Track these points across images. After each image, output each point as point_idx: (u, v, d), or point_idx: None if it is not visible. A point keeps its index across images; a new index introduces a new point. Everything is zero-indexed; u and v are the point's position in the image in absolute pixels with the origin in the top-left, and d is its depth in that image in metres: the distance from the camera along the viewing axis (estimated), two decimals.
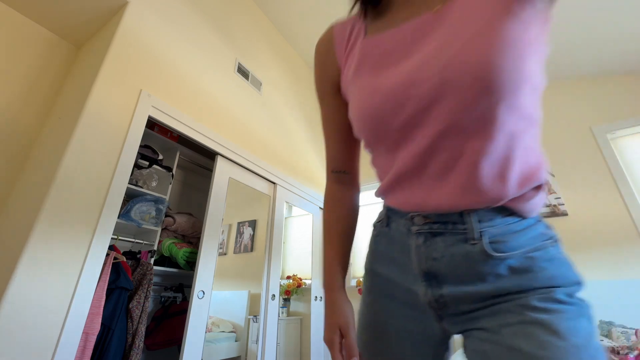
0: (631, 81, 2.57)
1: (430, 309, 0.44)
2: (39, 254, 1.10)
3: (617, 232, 2.25)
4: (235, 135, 2.17)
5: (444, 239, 0.42)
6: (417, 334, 0.47)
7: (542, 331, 0.33)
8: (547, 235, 0.41)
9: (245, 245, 2.50)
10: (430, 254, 0.43)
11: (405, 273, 0.47)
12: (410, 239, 0.45)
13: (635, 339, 1.74)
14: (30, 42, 1.72)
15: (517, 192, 0.39)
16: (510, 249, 0.39)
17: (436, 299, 0.43)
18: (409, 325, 0.47)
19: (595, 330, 0.36)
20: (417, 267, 0.44)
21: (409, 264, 0.45)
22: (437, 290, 0.43)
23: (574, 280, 0.38)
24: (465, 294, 0.41)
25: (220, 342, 2.08)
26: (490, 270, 0.39)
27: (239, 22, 2.51)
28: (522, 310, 0.36)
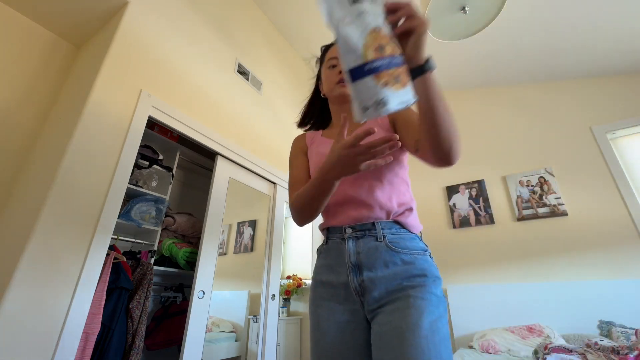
0: (631, 81, 2.57)
1: (357, 297, 0.68)
2: (39, 254, 1.10)
3: (617, 232, 2.25)
4: (235, 135, 2.17)
5: (364, 240, 0.71)
6: (351, 323, 0.68)
7: (414, 312, 0.59)
8: (425, 249, 0.72)
9: (245, 245, 2.50)
10: (356, 249, 0.71)
11: (339, 273, 0.72)
12: (343, 244, 0.73)
13: (635, 339, 1.74)
14: (30, 42, 1.72)
15: (398, 209, 0.73)
16: (402, 247, 0.69)
17: (359, 283, 0.68)
18: (345, 316, 0.69)
19: (445, 314, 0.62)
20: (348, 261, 0.71)
21: (342, 262, 0.71)
22: (359, 277, 0.68)
23: (437, 275, 0.68)
24: (376, 277, 0.67)
25: (220, 342, 2.08)
26: (390, 259, 0.68)
27: (239, 22, 2.51)
28: (407, 300, 0.62)
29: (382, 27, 0.47)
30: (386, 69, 0.45)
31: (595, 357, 1.53)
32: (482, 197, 2.84)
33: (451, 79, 3.22)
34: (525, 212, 2.61)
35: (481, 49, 2.71)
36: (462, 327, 2.48)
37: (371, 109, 0.45)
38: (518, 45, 2.60)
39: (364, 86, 0.44)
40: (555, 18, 2.30)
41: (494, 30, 2.36)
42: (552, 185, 2.57)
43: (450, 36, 1.67)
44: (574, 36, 2.42)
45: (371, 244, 0.70)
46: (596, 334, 2.02)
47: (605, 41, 2.39)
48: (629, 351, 1.46)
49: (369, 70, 0.44)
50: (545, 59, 2.69)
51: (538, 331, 2.07)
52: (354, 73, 0.45)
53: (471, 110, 3.20)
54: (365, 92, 0.44)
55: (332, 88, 0.87)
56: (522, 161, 2.79)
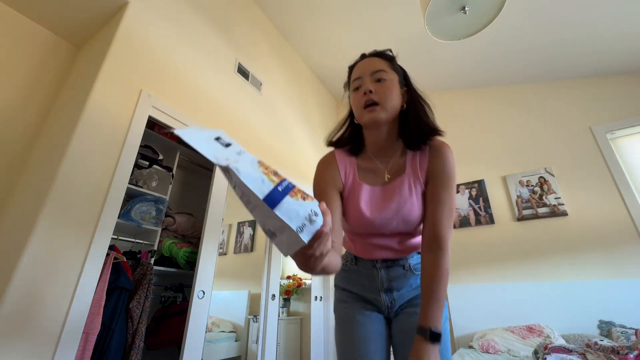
0: (631, 81, 2.57)
1: (386, 308, 0.89)
2: (39, 254, 1.10)
3: (617, 232, 2.25)
4: (235, 135, 2.17)
5: (393, 270, 0.88)
6: (379, 325, 0.88)
7: None
8: None
9: (245, 245, 2.50)
10: (388, 277, 0.88)
11: (370, 291, 0.90)
12: (375, 271, 0.89)
13: (635, 339, 1.74)
14: (30, 42, 1.72)
15: (416, 250, 0.90)
16: (418, 270, 0.88)
17: (390, 301, 0.88)
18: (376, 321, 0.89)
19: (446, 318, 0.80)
20: (380, 285, 0.88)
21: (375, 286, 0.89)
22: (391, 296, 0.88)
23: None
24: (402, 294, 0.88)
25: (220, 342, 2.08)
26: (413, 281, 0.87)
27: (239, 22, 2.51)
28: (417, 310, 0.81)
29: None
30: (293, 187, 0.44)
31: (595, 357, 1.53)
32: (482, 197, 2.84)
33: (451, 79, 3.22)
34: (525, 212, 2.61)
35: (481, 49, 2.71)
36: (462, 327, 2.48)
37: (307, 226, 0.42)
38: (518, 45, 2.60)
39: (287, 208, 0.41)
40: (555, 18, 2.30)
41: (494, 30, 2.36)
42: (552, 185, 2.57)
43: (450, 36, 1.67)
44: (574, 36, 2.42)
45: (400, 272, 0.88)
46: (596, 334, 2.02)
47: (605, 41, 2.39)
48: (629, 351, 1.46)
49: (284, 191, 0.42)
50: (545, 59, 2.69)
51: (538, 331, 2.07)
52: (270, 199, 0.41)
53: (471, 110, 3.20)
54: (291, 212, 0.41)
55: (360, 114, 0.82)
56: (522, 161, 2.79)
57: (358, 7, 2.58)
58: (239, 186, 0.42)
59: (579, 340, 1.92)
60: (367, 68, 0.83)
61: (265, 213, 0.41)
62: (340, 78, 3.66)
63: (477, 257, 2.69)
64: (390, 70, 0.83)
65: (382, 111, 0.79)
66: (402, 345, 0.85)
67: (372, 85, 0.80)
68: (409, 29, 2.66)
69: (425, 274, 0.78)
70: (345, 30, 2.84)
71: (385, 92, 0.80)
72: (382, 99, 0.79)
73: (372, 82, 0.81)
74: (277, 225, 0.41)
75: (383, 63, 0.84)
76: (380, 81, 0.81)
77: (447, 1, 1.51)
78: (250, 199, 0.42)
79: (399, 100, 0.83)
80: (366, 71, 0.83)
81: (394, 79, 0.83)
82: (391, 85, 0.81)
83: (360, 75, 0.84)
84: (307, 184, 2.94)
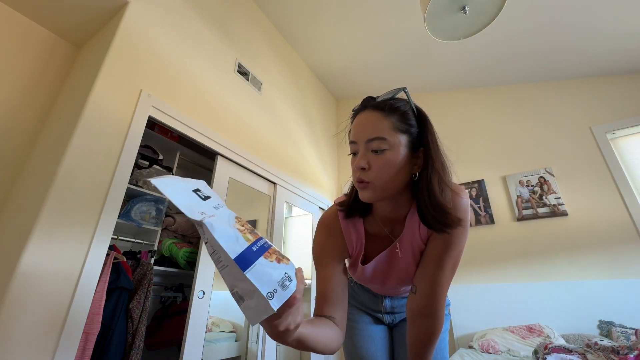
0: (631, 81, 2.57)
1: (387, 324, 0.98)
2: (40, 254, 1.10)
3: (617, 232, 2.25)
4: (235, 135, 2.17)
5: (397, 299, 0.96)
6: (382, 332, 0.97)
7: None
8: None
9: None
10: (392, 305, 0.95)
11: (373, 310, 0.97)
12: (379, 298, 0.96)
13: (635, 339, 1.74)
14: (30, 42, 1.72)
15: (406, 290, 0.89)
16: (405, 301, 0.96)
17: (392, 319, 0.97)
18: (377, 329, 0.96)
19: (447, 327, 0.90)
20: (384, 309, 0.95)
21: (378, 308, 0.96)
22: (393, 316, 0.97)
23: (447, 302, 0.94)
24: (402, 315, 0.97)
25: (220, 342, 2.08)
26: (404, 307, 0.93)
27: (239, 22, 2.51)
28: None
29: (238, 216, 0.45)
30: (269, 247, 0.42)
31: (595, 357, 1.53)
32: (482, 197, 2.84)
33: (451, 78, 3.21)
34: (525, 212, 2.61)
35: (481, 49, 2.71)
36: (462, 327, 2.48)
37: (279, 291, 0.38)
38: (518, 45, 2.60)
39: (259, 270, 0.38)
40: (555, 18, 2.30)
41: (494, 30, 2.36)
42: (552, 185, 2.57)
43: (450, 36, 1.67)
44: (574, 36, 2.42)
45: (403, 301, 0.95)
46: (596, 334, 2.02)
47: (605, 41, 2.39)
48: (629, 351, 1.46)
49: (258, 251, 0.40)
50: (545, 59, 2.69)
51: (538, 331, 2.07)
52: (242, 260, 0.38)
53: (471, 110, 3.20)
54: (264, 275, 0.38)
55: (356, 186, 0.67)
56: (522, 161, 2.79)
57: (358, 7, 2.58)
58: (211, 242, 0.39)
59: (579, 340, 1.92)
60: (363, 132, 0.64)
61: (235, 275, 0.37)
62: (340, 78, 3.66)
63: (477, 257, 2.69)
64: (395, 134, 0.63)
65: (374, 191, 0.63)
66: (402, 348, 0.90)
67: (367, 158, 0.63)
68: (409, 28, 2.66)
69: (415, 339, 0.72)
70: (345, 29, 2.84)
71: (381, 168, 0.62)
72: (377, 178, 0.62)
73: (368, 152, 0.63)
74: (247, 290, 0.37)
75: (386, 122, 0.63)
76: (378, 152, 0.62)
77: (447, 1, 1.51)
78: (221, 257, 0.38)
79: (405, 173, 0.64)
80: (362, 137, 0.64)
81: (396, 147, 0.62)
82: (391, 158, 0.62)
83: (355, 140, 0.66)
84: (306, 184, 2.93)
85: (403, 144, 0.63)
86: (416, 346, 0.73)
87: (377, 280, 0.82)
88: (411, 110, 0.66)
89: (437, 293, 0.69)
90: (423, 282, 0.71)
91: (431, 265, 0.70)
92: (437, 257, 0.69)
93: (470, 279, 2.64)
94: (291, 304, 0.39)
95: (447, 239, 0.67)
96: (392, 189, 0.64)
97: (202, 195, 0.45)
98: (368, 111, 0.66)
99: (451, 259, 0.69)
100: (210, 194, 0.46)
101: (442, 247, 0.68)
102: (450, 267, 0.69)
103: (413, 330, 0.73)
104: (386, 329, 0.99)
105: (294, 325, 0.42)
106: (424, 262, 0.72)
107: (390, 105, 0.65)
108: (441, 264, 0.68)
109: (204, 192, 0.46)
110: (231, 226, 0.41)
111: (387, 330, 0.99)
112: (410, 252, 0.73)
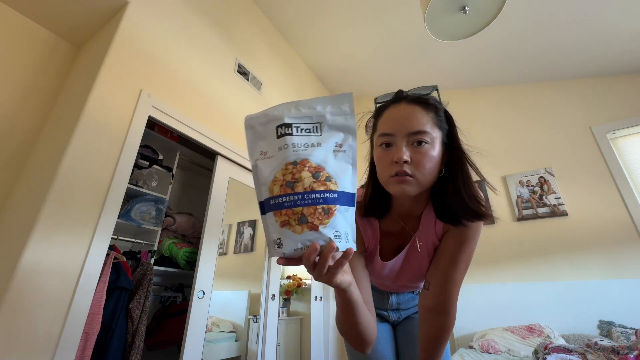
0: (631, 81, 2.57)
1: (392, 321, 0.99)
2: (40, 254, 1.10)
3: (617, 232, 2.25)
4: (235, 135, 2.17)
5: (404, 294, 0.97)
6: (387, 331, 0.97)
7: None
8: None
9: (245, 245, 2.50)
10: (398, 301, 0.96)
11: (379, 308, 0.97)
12: (385, 295, 0.97)
13: (635, 339, 1.74)
14: (30, 42, 1.72)
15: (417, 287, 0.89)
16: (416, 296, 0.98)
17: (397, 317, 0.99)
18: (383, 328, 0.97)
19: None
20: (389, 307, 0.97)
21: (384, 305, 0.97)
22: (398, 313, 0.98)
23: None
24: (408, 310, 0.99)
25: (220, 342, 2.08)
26: (416, 302, 0.97)
27: (239, 22, 2.51)
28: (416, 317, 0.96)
29: (303, 160, 0.43)
30: (290, 207, 0.41)
31: (595, 357, 1.53)
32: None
33: (451, 79, 3.22)
34: (525, 212, 2.61)
35: (481, 49, 2.71)
36: (462, 327, 2.48)
37: (272, 248, 0.42)
38: (518, 45, 2.60)
39: (267, 222, 0.43)
40: (555, 18, 2.30)
41: (494, 30, 2.36)
42: (552, 185, 2.57)
43: (450, 36, 1.67)
44: (574, 36, 2.42)
45: (409, 296, 0.97)
46: (596, 334, 2.02)
47: (605, 41, 2.39)
48: (629, 351, 1.46)
49: (273, 206, 0.42)
50: (545, 59, 2.69)
51: (538, 331, 2.07)
52: (261, 207, 0.43)
53: (471, 110, 3.20)
54: (268, 228, 0.43)
55: (386, 182, 0.63)
56: (522, 161, 2.79)
57: (358, 6, 2.58)
58: None
59: (579, 340, 1.92)
60: (405, 125, 0.61)
61: None
62: (340, 78, 3.65)
63: (477, 257, 2.68)
64: (434, 129, 0.63)
65: (415, 185, 0.61)
66: (406, 346, 0.91)
67: (409, 152, 0.60)
68: (409, 28, 2.66)
69: (427, 336, 0.72)
70: (345, 29, 2.84)
71: (423, 161, 0.60)
72: (419, 172, 0.60)
73: (409, 145, 0.61)
74: None
75: (426, 117, 0.62)
76: (419, 146, 0.61)
77: (447, 1, 1.51)
78: None
79: (438, 168, 0.64)
80: (402, 129, 0.61)
81: (436, 140, 0.62)
82: (432, 152, 0.61)
83: (392, 132, 0.62)
84: None
85: (439, 140, 0.64)
86: (428, 342, 0.72)
87: (391, 276, 0.80)
88: (442, 107, 0.68)
89: (450, 290, 0.69)
90: (436, 278, 0.71)
91: (445, 262, 0.70)
92: (451, 253, 0.69)
93: (470, 279, 2.64)
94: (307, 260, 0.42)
95: (463, 235, 0.67)
96: (429, 183, 0.64)
97: (280, 132, 0.44)
98: (406, 104, 0.64)
99: (465, 255, 0.68)
100: (296, 121, 0.45)
101: (457, 243, 0.68)
102: (464, 263, 0.69)
103: (425, 327, 0.73)
104: (390, 328, 0.99)
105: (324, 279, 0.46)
106: (437, 258, 0.72)
107: (428, 100, 0.65)
108: (455, 260, 0.68)
109: (290, 122, 0.45)
110: (272, 172, 0.44)
111: (391, 329, 0.99)
112: (425, 248, 0.73)
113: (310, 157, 0.43)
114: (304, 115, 0.45)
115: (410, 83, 3.38)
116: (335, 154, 0.44)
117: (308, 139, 0.44)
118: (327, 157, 0.44)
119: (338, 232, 0.42)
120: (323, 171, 0.43)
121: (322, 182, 0.42)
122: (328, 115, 0.45)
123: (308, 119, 0.45)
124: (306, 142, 0.44)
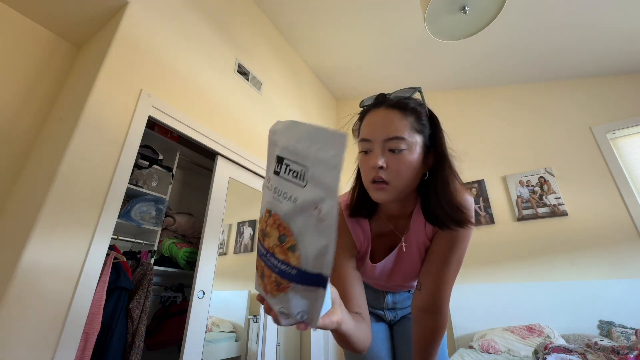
0: (631, 81, 2.57)
1: (389, 321, 0.99)
2: (39, 254, 1.10)
3: (617, 232, 2.25)
4: (235, 135, 2.17)
5: (400, 294, 0.98)
6: (383, 331, 0.96)
7: None
8: None
9: (245, 245, 2.50)
10: (393, 300, 0.97)
11: (374, 307, 0.98)
12: (381, 294, 0.97)
13: (635, 339, 1.74)
14: (30, 42, 1.72)
15: (409, 285, 0.90)
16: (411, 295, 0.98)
17: (394, 316, 0.98)
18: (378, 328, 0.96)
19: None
20: (385, 306, 0.97)
21: (381, 305, 0.97)
22: (395, 312, 0.98)
23: None
24: (405, 310, 0.98)
25: (220, 342, 2.08)
26: (410, 302, 0.96)
27: (239, 22, 2.51)
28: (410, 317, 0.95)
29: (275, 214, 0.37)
30: (260, 257, 0.40)
31: (595, 357, 1.53)
32: (482, 197, 2.84)
33: (451, 79, 3.21)
34: (525, 212, 2.61)
35: (481, 49, 2.71)
36: (462, 327, 2.48)
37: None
38: (518, 45, 2.60)
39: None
40: (555, 18, 2.30)
41: (494, 30, 2.36)
42: (552, 185, 2.57)
43: (450, 36, 1.67)
44: (574, 36, 2.42)
45: (405, 295, 0.98)
46: (596, 334, 2.02)
47: (605, 41, 2.39)
48: (629, 351, 1.46)
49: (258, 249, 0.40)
50: (544, 59, 2.69)
51: (538, 331, 2.07)
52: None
53: (471, 110, 3.20)
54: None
55: (367, 186, 0.64)
56: (522, 161, 2.78)
57: (358, 7, 2.58)
58: None
59: (579, 340, 1.92)
60: (381, 131, 0.61)
61: None
62: (340, 78, 3.65)
63: (477, 257, 2.68)
64: (413, 134, 0.62)
65: (391, 192, 0.62)
66: (404, 347, 0.91)
67: (384, 157, 0.61)
68: (409, 28, 2.66)
69: (421, 335, 0.73)
70: (345, 29, 2.84)
71: (399, 167, 0.60)
72: (395, 178, 0.61)
73: (385, 151, 0.61)
74: None
75: (404, 122, 0.61)
76: (395, 152, 0.60)
77: (447, 1, 1.51)
78: None
79: (419, 173, 0.64)
80: (379, 135, 0.61)
81: (414, 146, 0.61)
82: (409, 158, 0.61)
83: (370, 138, 0.62)
84: None
85: (419, 145, 0.63)
86: (422, 342, 0.73)
87: (383, 277, 0.82)
88: (424, 110, 0.66)
89: (441, 290, 0.70)
90: (428, 279, 0.72)
91: (436, 262, 0.70)
92: (442, 254, 0.70)
93: (470, 279, 2.64)
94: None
95: (454, 236, 0.67)
96: (407, 189, 0.64)
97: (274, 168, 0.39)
98: (384, 109, 0.63)
99: (456, 256, 0.69)
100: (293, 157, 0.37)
101: (447, 244, 0.69)
102: (455, 264, 0.70)
103: (419, 327, 0.74)
104: (387, 328, 0.98)
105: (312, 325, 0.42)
106: (429, 259, 0.73)
107: (407, 104, 0.64)
108: (446, 261, 0.69)
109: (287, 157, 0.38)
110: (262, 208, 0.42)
111: (388, 328, 0.99)
112: (415, 249, 0.74)
113: (282, 214, 0.36)
114: (297, 151, 0.36)
115: (410, 83, 3.36)
116: (311, 221, 0.34)
117: (290, 187, 0.36)
118: (301, 222, 0.35)
119: (286, 310, 0.36)
120: (290, 237, 0.35)
121: (284, 250, 0.35)
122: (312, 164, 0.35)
123: (299, 157, 0.36)
124: (286, 192, 0.36)
